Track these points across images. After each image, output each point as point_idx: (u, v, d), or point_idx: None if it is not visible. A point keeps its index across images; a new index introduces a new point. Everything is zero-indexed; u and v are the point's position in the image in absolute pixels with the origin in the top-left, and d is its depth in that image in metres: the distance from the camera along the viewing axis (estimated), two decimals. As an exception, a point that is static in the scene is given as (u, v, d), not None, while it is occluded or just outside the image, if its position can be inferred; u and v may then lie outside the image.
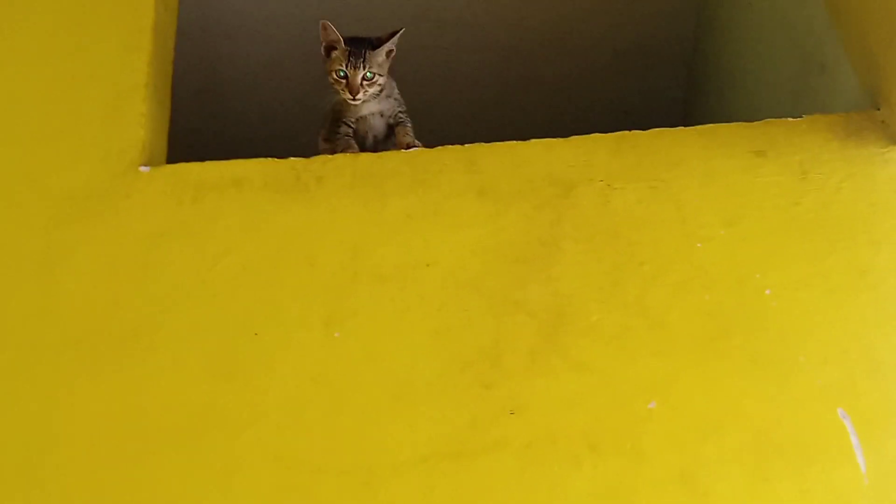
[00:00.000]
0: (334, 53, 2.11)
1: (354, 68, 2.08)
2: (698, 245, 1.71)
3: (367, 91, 2.10)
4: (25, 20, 2.03)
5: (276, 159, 1.85)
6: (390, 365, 1.66)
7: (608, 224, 1.75)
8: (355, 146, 2.10)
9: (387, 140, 2.18)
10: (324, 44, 2.13)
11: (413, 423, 1.61)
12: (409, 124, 2.17)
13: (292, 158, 1.85)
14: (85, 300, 1.74)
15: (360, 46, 2.10)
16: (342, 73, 2.09)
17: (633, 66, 3.24)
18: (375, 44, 2.12)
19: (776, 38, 2.43)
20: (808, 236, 1.71)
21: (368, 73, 2.09)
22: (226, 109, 3.28)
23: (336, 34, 2.10)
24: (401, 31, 2.14)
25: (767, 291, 1.66)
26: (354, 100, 2.10)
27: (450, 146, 1.85)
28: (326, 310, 1.70)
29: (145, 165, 1.85)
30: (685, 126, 1.88)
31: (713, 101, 3.04)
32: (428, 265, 1.73)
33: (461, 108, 3.29)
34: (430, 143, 1.97)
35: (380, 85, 2.13)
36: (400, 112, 2.19)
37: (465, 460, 1.58)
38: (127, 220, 1.80)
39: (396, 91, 2.21)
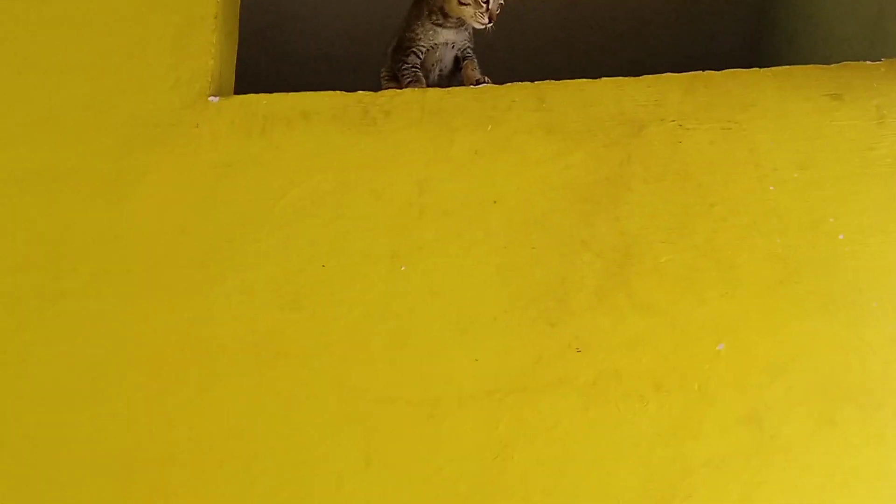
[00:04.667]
0: None
1: None
2: (771, 188, 1.69)
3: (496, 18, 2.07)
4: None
5: (344, 92, 1.84)
6: (455, 299, 1.66)
7: (679, 165, 1.73)
8: (423, 80, 2.08)
9: (451, 75, 2.16)
10: None
11: (478, 357, 1.62)
12: (475, 60, 2.15)
13: (360, 92, 1.84)
14: (153, 228, 1.76)
15: None
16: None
17: (700, 9, 3.18)
18: None
19: (853, -18, 2.37)
20: (883, 182, 1.68)
21: None
22: (287, 46, 3.27)
23: None
24: None
25: (841, 236, 1.64)
26: (490, 24, 2.05)
27: (519, 83, 1.83)
28: (392, 243, 1.71)
29: (214, 96, 1.84)
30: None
31: (783, 45, 2.98)
32: (494, 202, 1.73)
33: (526, 48, 3.24)
34: (497, 81, 1.95)
35: None
36: (469, 46, 2.16)
37: (529, 395, 1.58)
38: (195, 149, 1.81)
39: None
